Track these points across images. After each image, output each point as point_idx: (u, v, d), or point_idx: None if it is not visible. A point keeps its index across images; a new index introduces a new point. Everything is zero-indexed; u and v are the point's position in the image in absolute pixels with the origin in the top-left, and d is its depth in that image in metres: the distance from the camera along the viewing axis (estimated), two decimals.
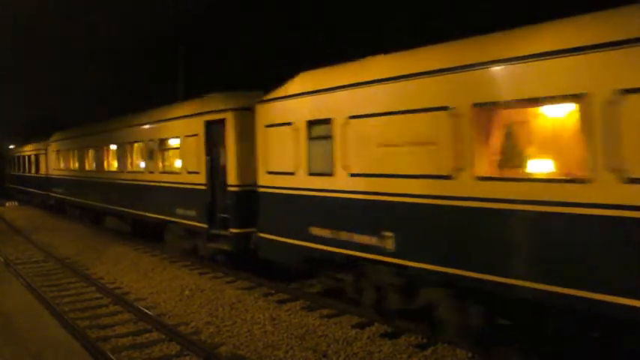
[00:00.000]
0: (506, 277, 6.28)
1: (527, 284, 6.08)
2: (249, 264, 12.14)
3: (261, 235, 10.64)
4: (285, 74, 11.39)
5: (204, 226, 12.66)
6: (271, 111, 10.33)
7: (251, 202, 11.01)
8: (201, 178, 12.84)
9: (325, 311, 9.52)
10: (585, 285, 5.57)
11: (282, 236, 10.01)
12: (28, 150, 33.21)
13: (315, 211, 9.18)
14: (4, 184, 42.37)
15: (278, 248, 10.13)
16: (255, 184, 10.89)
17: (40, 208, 30.78)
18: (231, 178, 11.77)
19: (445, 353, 7.50)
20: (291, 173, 9.69)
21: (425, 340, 7.94)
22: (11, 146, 43.89)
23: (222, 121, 12.00)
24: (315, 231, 9.15)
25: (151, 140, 15.60)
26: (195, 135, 13.04)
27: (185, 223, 13.61)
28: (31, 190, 32.77)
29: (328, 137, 8.87)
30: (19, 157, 36.69)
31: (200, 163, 12.86)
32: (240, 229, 11.54)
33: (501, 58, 6.41)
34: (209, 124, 12.56)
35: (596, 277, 5.51)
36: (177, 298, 10.78)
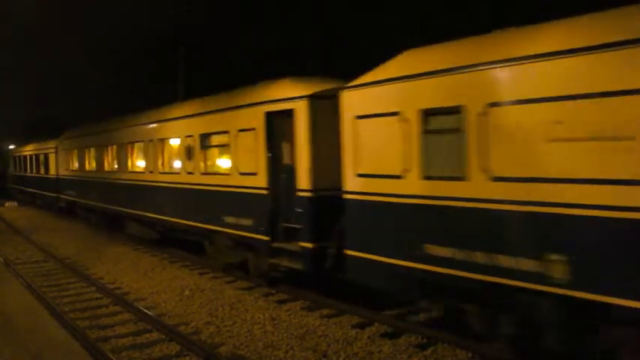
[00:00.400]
0: None
1: None
2: (321, 285, 10.38)
3: (350, 252, 8.57)
4: (284, 73, 11.25)
5: (265, 238, 10.54)
6: (365, 98, 8.33)
7: (328, 211, 9.23)
8: (260, 181, 10.74)
9: (325, 311, 9.52)
10: None
11: (381, 255, 8.03)
12: (35, 149, 31.25)
13: (433, 224, 7.31)
14: (7, 185, 40.80)
15: (374, 269, 8.15)
16: (333, 189, 9.08)
17: (40, 208, 30.72)
18: (303, 181, 9.71)
19: (445, 353, 7.50)
20: (397, 176, 7.74)
21: (425, 340, 7.94)
22: (11, 146, 43.68)
23: (289, 112, 9.93)
24: (434, 250, 7.22)
25: (190, 136, 13.33)
26: (252, 129, 10.89)
27: (236, 234, 11.54)
28: (37, 191, 30.90)
29: (456, 130, 6.92)
30: (23, 156, 34.73)
31: (259, 162, 10.76)
32: (314, 244, 9.47)
33: None
34: (271, 116, 10.47)
35: None
36: (177, 298, 10.78)
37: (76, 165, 23.20)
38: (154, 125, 15.54)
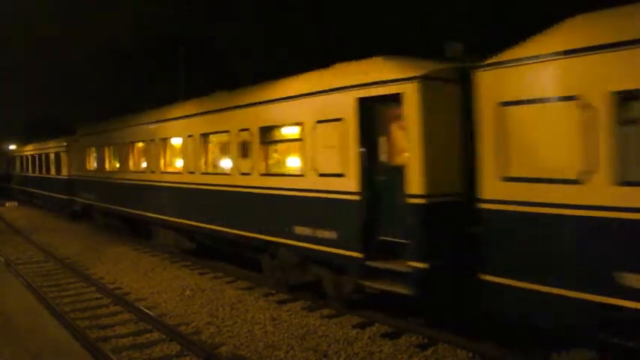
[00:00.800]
0: None
1: None
2: (428, 314, 8.68)
3: (490, 278, 6.79)
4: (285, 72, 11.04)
5: (355, 254, 8.56)
6: (517, 79, 6.60)
7: (445, 222, 7.73)
8: (349, 184, 8.73)
9: (326, 311, 9.51)
10: None
11: (543, 284, 6.25)
12: (44, 148, 29.14)
13: (634, 246, 5.58)
14: (11, 186, 38.96)
15: (532, 302, 6.39)
16: (451, 194, 7.76)
17: (40, 208, 30.66)
18: (414, 183, 7.76)
19: (446, 353, 7.49)
20: (573, 181, 5.97)
21: (426, 340, 7.93)
22: (12, 146, 43.49)
23: (394, 98, 8.05)
24: (634, 280, 5.53)
25: (245, 130, 11.26)
26: (338, 120, 8.95)
27: (310, 248, 9.52)
28: (46, 193, 28.68)
29: None
30: (30, 156, 32.39)
31: (348, 161, 8.76)
32: (428, 263, 7.60)
33: None
34: (366, 103, 8.57)
35: None
36: (178, 298, 10.77)
37: (93, 164, 21.02)
38: (195, 119, 13.45)
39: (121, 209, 18.03)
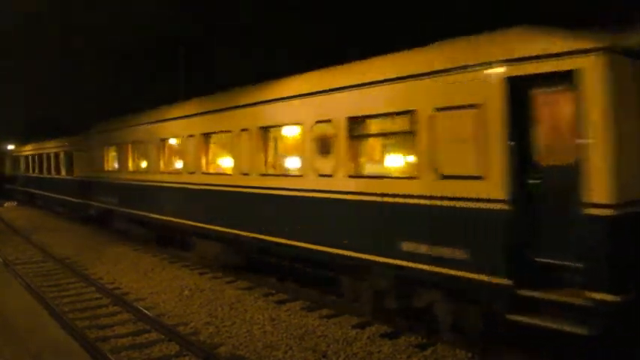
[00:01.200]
0: None
1: None
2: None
3: None
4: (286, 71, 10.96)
5: (501, 280, 6.66)
6: None
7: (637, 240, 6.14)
8: (491, 189, 6.80)
9: (325, 311, 9.52)
10: None
11: None
12: (51, 147, 27.20)
13: None
14: (16, 187, 37.49)
15: None
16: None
17: (40, 208, 30.67)
18: (599, 189, 5.98)
19: (445, 353, 7.50)
20: None
21: (425, 341, 7.94)
22: (10, 146, 43.38)
23: (565, 77, 6.25)
24: None
25: (325, 122, 9.23)
26: (471, 106, 7.00)
27: (422, 270, 7.56)
28: (55, 196, 26.59)
29: None
30: (35, 155, 30.61)
31: (487, 159, 6.85)
32: (619, 295, 5.89)
33: None
34: (519, 84, 6.64)
35: None
36: (177, 298, 10.78)
37: (113, 165, 18.96)
38: (250, 109, 11.27)
39: (149, 215, 15.78)
